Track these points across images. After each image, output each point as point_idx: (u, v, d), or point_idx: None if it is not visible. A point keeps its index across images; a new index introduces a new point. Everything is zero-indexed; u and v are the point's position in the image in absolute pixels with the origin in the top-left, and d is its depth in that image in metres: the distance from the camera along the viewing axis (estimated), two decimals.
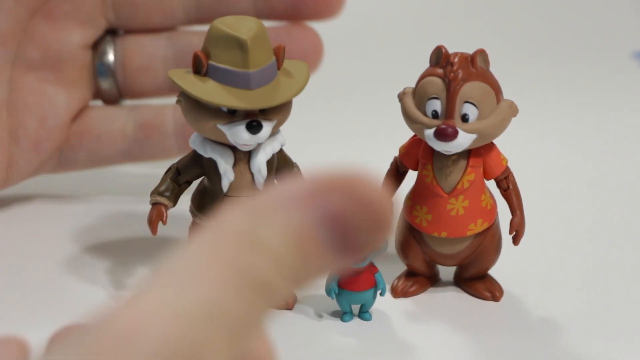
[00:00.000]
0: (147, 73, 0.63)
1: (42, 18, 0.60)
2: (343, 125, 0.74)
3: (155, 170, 0.56)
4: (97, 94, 0.64)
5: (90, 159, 0.63)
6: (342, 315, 0.53)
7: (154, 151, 0.63)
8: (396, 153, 0.55)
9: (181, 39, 0.63)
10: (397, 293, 0.55)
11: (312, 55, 0.63)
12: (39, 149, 0.61)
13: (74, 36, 0.61)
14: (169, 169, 0.53)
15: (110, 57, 0.63)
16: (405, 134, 0.54)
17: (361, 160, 0.70)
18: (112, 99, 0.64)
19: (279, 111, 0.50)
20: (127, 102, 0.65)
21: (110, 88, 0.63)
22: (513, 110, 0.51)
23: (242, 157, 0.51)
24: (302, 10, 0.63)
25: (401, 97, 0.53)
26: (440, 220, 0.53)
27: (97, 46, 0.63)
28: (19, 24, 0.59)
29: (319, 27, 0.64)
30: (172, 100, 0.60)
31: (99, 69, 0.63)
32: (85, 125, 0.63)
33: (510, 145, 0.55)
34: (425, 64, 0.52)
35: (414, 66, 0.55)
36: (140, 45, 0.63)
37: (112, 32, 0.64)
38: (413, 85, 0.52)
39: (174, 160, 0.54)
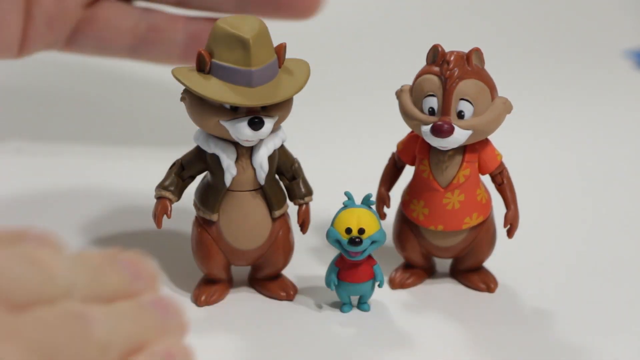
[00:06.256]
0: None
1: None
2: (343, 122, 0.74)
3: (159, 166, 0.56)
4: None
5: (97, 47, 0.65)
6: (342, 306, 0.53)
7: (158, 55, 0.66)
8: (394, 149, 0.56)
9: None
10: (394, 285, 0.56)
11: (304, 5, 0.65)
12: (52, 27, 0.63)
13: None
14: (174, 164, 0.53)
15: None
16: (403, 130, 0.55)
17: (360, 156, 0.71)
18: None
19: (280, 108, 0.51)
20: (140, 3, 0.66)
21: None
22: (507, 107, 0.52)
23: (245, 153, 0.52)
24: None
25: (399, 94, 0.53)
26: (436, 214, 0.54)
27: None
28: None
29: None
30: (187, 11, 0.61)
31: None
32: (99, 14, 0.64)
33: (504, 141, 0.55)
34: (422, 63, 0.53)
35: (411, 64, 0.55)
36: None
37: None
38: (410, 83, 0.53)
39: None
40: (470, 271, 0.56)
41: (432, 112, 0.52)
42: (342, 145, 0.73)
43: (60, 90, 0.80)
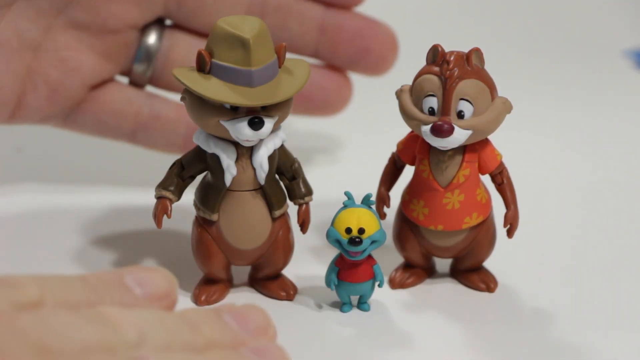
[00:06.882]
0: None
1: None
2: (342, 122, 0.75)
3: (160, 165, 0.56)
4: (127, 72, 0.64)
5: (97, 128, 0.64)
6: (342, 305, 0.54)
7: (158, 143, 0.64)
8: (394, 149, 0.56)
9: None
10: (394, 284, 0.56)
11: (335, 102, 0.65)
12: (52, 101, 0.62)
13: (125, 12, 0.61)
14: (174, 164, 0.53)
15: (153, 43, 0.63)
16: (403, 130, 0.55)
17: (360, 156, 0.71)
18: (139, 83, 0.64)
19: (280, 108, 0.51)
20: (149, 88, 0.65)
21: (142, 73, 0.64)
22: (507, 107, 0.52)
23: (245, 153, 0.52)
24: (362, 62, 0.65)
25: (399, 94, 0.53)
26: (436, 214, 0.54)
27: (143, 29, 0.63)
28: None
29: None
30: None
31: (138, 53, 0.63)
32: (104, 96, 0.63)
33: (504, 141, 0.55)
34: (422, 63, 0.53)
35: (411, 64, 0.56)
36: (187, 43, 0.64)
37: (160, 21, 0.64)
38: (410, 83, 0.53)
39: (177, 156, 0.54)
40: (470, 271, 0.56)
41: (432, 112, 0.52)
42: (342, 145, 0.73)
43: None
